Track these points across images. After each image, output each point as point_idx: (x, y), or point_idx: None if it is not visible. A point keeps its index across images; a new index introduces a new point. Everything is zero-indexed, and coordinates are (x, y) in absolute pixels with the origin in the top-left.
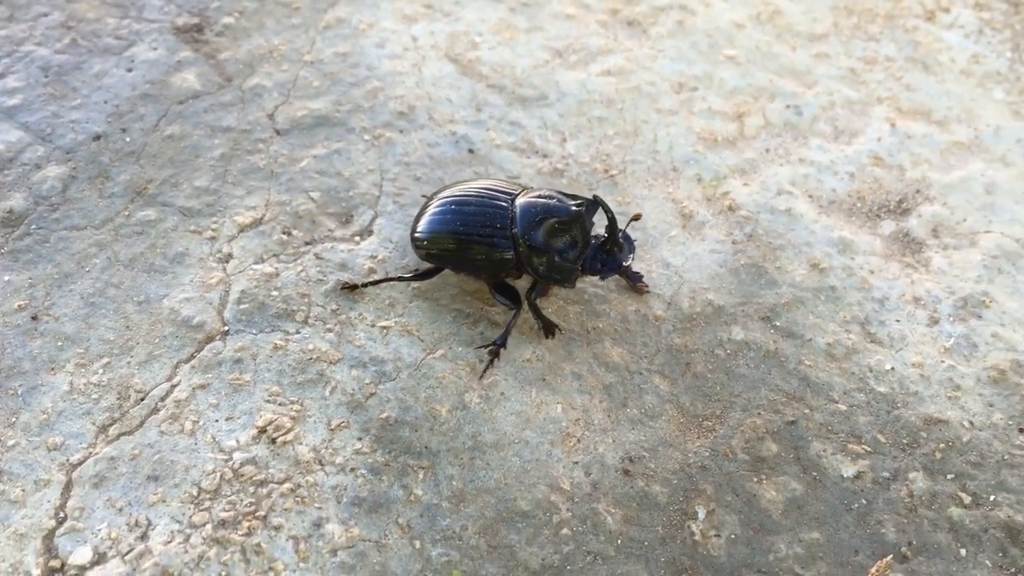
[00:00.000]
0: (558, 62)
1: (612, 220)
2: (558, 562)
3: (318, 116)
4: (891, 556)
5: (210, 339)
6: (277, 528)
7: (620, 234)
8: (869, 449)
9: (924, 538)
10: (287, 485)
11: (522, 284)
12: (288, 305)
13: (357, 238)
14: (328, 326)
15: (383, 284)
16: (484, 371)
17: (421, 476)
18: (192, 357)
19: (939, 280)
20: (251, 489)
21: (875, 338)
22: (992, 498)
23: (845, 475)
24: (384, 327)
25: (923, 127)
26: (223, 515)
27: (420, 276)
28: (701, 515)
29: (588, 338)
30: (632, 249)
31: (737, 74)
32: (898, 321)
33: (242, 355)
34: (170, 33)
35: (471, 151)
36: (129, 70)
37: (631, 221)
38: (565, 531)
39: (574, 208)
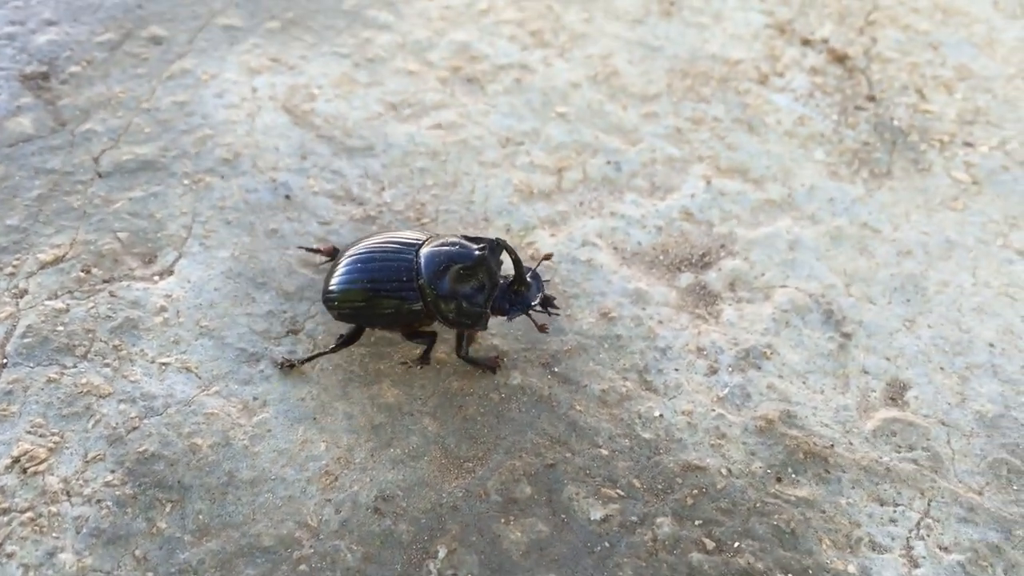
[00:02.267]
0: (392, 115)
1: (516, 261)
2: None
3: (143, 160)
4: None
5: None
6: (9, 556)
7: (529, 273)
8: (622, 494)
9: None
10: (28, 514)
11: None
12: (71, 340)
13: (156, 277)
14: (107, 361)
15: (317, 358)
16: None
17: (168, 509)
18: None
19: (726, 332)
20: None
21: (650, 386)
22: (736, 544)
23: (593, 518)
24: (164, 363)
25: (738, 185)
26: None
27: (346, 341)
28: (441, 554)
29: (367, 379)
30: (540, 288)
31: (565, 130)
32: (676, 370)
33: (14, 387)
34: (16, 80)
35: (287, 197)
36: None
37: (542, 260)
38: (303, 567)
39: (477, 253)
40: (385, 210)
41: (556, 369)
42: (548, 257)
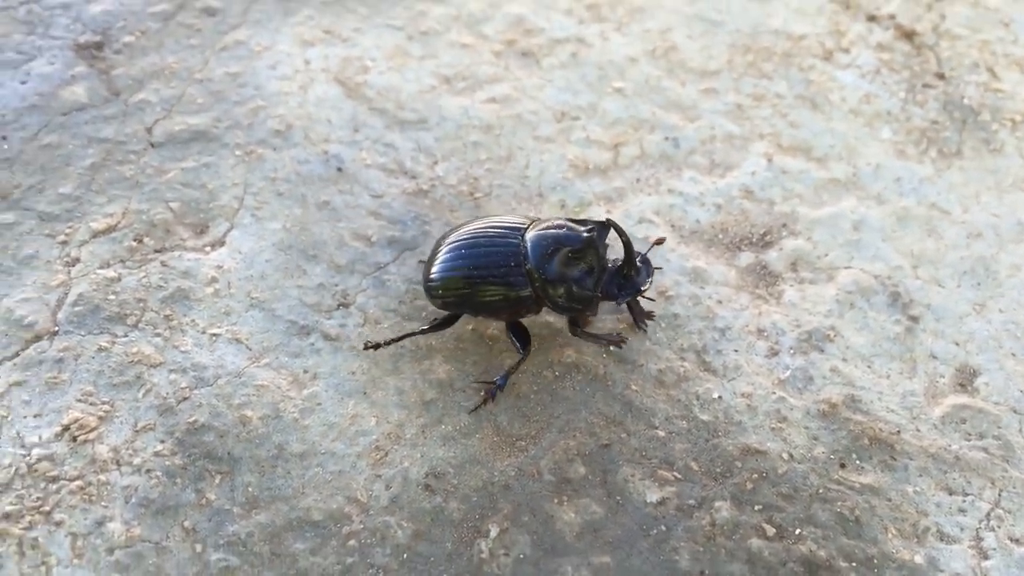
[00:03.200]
0: (445, 88)
1: (627, 243)
2: (339, 573)
3: (195, 131)
4: None
5: (38, 338)
6: (58, 524)
7: (639, 257)
8: (679, 476)
9: (718, 568)
10: (78, 483)
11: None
12: (122, 309)
13: (208, 248)
14: (157, 331)
15: (404, 339)
16: (476, 407)
17: (217, 481)
18: (16, 355)
19: (787, 313)
20: (42, 485)
21: (709, 367)
22: (797, 531)
23: (649, 500)
24: (214, 334)
25: (801, 163)
26: (8, 508)
27: (437, 326)
28: (493, 533)
29: (419, 354)
30: (650, 273)
31: (622, 106)
32: (736, 351)
33: (65, 355)
34: (70, 49)
35: (339, 169)
36: (23, 82)
37: (654, 245)
38: (352, 543)
39: (585, 235)
40: (438, 184)
41: (612, 347)
42: (660, 242)
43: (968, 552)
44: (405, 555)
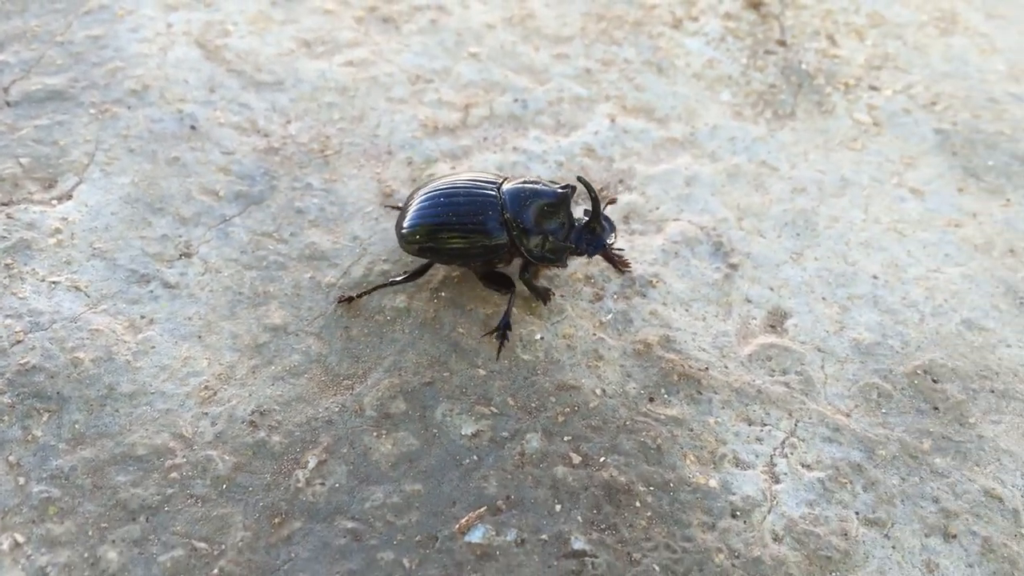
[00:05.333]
0: (304, 52)
1: (596, 200)
2: (157, 503)
3: (51, 90)
4: (484, 508)
5: None
6: None
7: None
8: (496, 411)
9: (523, 493)
10: None
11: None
12: None
13: (55, 201)
14: None
15: (375, 291)
16: (499, 352)
17: (45, 419)
18: None
19: None
20: None
21: (535, 311)
22: (602, 459)
23: (464, 433)
24: (53, 282)
25: (642, 123)
26: None
27: (412, 276)
28: (311, 464)
29: (256, 300)
30: (613, 228)
31: (475, 69)
32: (562, 297)
33: None
34: None
35: (193, 127)
36: None
37: (607, 204)
38: (174, 475)
39: (560, 191)
40: (289, 142)
41: (444, 293)
42: (613, 201)
43: (761, 476)
44: (224, 486)
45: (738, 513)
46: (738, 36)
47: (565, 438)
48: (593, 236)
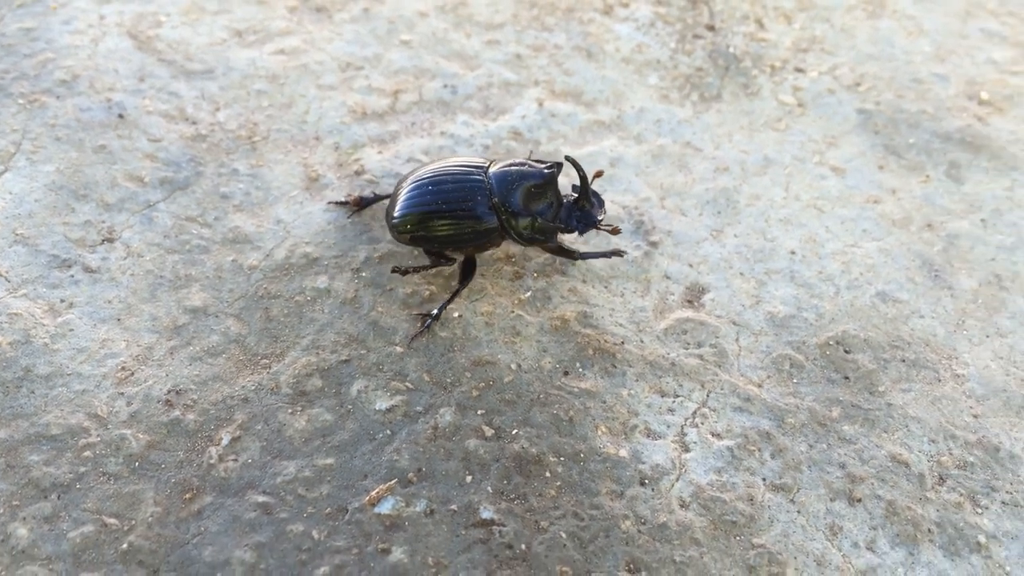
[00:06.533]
0: (236, 41)
1: (583, 178)
2: (69, 480)
3: None
4: (395, 480)
5: None
6: None
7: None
8: (411, 387)
9: (434, 466)
10: None
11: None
12: None
13: None
14: None
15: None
16: (414, 337)
17: None
18: None
19: None
20: None
21: (454, 290)
22: (514, 432)
23: (378, 408)
24: None
25: (570, 107)
26: None
27: (432, 265)
28: (225, 441)
29: (177, 283)
30: (601, 203)
31: (406, 56)
32: (483, 276)
33: None
34: None
35: (121, 116)
36: None
37: (594, 177)
38: (87, 454)
39: (546, 171)
40: (217, 128)
41: (364, 274)
42: (599, 174)
43: (671, 446)
44: (137, 463)
45: (646, 481)
46: (668, 21)
47: (479, 412)
48: (583, 213)
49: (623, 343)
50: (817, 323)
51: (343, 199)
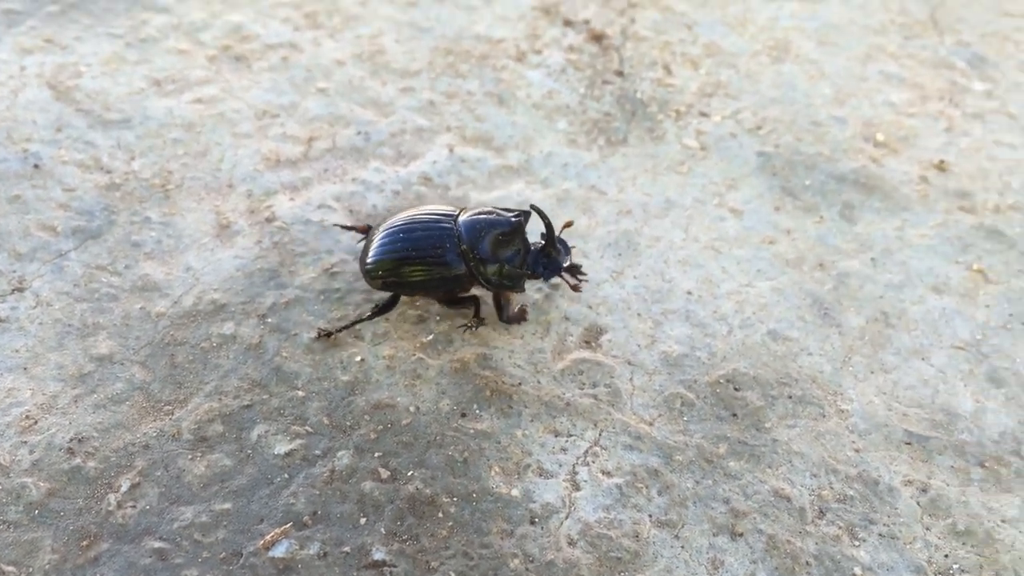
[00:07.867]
0: (154, 90)
1: (549, 226)
2: None
3: None
4: (290, 524)
5: None
6: None
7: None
8: (311, 430)
9: (330, 508)
10: None
11: None
12: None
13: None
14: None
15: (354, 326)
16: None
17: None
18: None
19: None
20: None
21: (358, 334)
22: (409, 473)
23: (278, 452)
24: None
25: (480, 152)
26: None
27: (382, 309)
28: (124, 487)
29: (84, 332)
30: (568, 251)
31: (322, 104)
32: (387, 320)
33: None
34: None
35: (36, 166)
36: None
37: (564, 227)
38: None
39: (513, 220)
40: (131, 177)
41: (270, 319)
42: (569, 224)
43: (562, 484)
44: (37, 511)
45: (536, 520)
46: (579, 68)
47: (376, 454)
48: (549, 260)
49: (520, 384)
50: (709, 362)
51: (349, 224)
